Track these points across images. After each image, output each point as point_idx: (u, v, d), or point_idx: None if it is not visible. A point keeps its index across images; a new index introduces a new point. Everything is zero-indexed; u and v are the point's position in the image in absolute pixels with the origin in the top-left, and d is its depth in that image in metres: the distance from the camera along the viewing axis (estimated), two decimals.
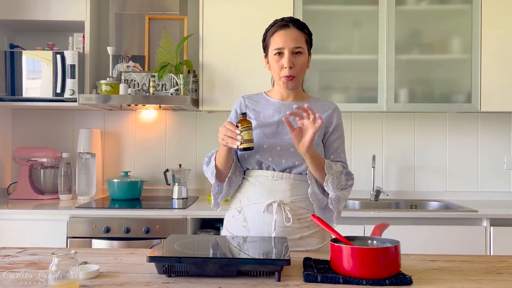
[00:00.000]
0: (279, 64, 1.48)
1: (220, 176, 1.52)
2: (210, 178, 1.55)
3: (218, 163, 1.49)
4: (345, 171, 1.49)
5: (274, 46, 1.48)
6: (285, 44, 1.47)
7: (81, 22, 2.65)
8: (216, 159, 1.50)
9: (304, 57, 1.50)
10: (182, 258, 1.12)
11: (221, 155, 1.47)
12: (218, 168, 1.49)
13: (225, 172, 1.51)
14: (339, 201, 1.47)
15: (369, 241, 1.25)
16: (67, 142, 2.93)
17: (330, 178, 1.42)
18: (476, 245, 2.26)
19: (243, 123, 1.37)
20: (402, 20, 2.60)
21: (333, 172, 1.43)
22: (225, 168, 1.49)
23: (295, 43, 1.47)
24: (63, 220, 2.32)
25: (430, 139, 2.88)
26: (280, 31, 1.48)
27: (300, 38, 1.49)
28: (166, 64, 2.54)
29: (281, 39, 1.47)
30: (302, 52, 1.49)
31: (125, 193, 2.66)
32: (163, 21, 2.76)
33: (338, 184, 1.45)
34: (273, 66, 1.51)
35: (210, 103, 2.61)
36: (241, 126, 1.37)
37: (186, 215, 2.32)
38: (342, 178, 1.46)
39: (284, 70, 1.47)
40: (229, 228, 1.56)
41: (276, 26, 1.50)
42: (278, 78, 1.51)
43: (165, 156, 2.94)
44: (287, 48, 1.47)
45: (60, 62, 2.58)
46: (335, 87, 2.67)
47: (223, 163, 1.48)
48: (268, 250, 1.24)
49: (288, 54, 1.46)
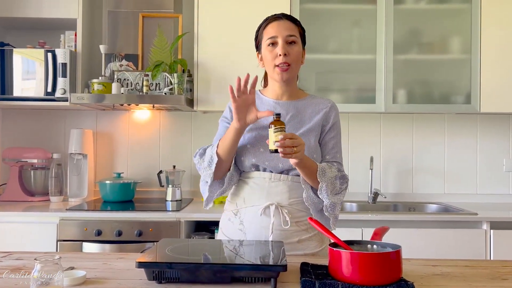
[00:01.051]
0: (273, 53, 1.43)
1: (219, 166, 1.41)
2: (206, 168, 1.42)
3: (221, 150, 1.39)
4: (340, 175, 1.44)
5: (267, 36, 1.44)
6: (278, 32, 1.43)
7: (73, 20, 2.59)
8: (219, 146, 1.40)
9: (298, 47, 1.45)
10: (173, 263, 1.07)
11: (227, 140, 1.38)
12: (219, 156, 1.40)
13: (225, 164, 1.41)
14: (334, 207, 1.42)
15: (369, 245, 1.20)
16: (58, 142, 2.87)
17: (324, 186, 1.38)
18: (476, 249, 2.22)
19: (276, 123, 1.30)
20: (401, 19, 2.56)
21: (327, 178, 1.38)
22: (226, 158, 1.40)
23: (289, 32, 1.43)
24: (53, 223, 2.25)
25: (429, 140, 2.84)
26: (272, 22, 1.45)
27: (294, 28, 1.45)
28: (160, 63, 2.48)
29: (273, 28, 1.44)
30: (296, 42, 1.44)
31: (117, 195, 2.60)
32: (157, 19, 2.70)
33: (333, 190, 1.41)
34: (266, 58, 1.46)
35: (205, 103, 2.55)
36: (275, 127, 1.30)
37: (179, 218, 2.26)
38: (337, 183, 1.42)
39: (278, 58, 1.42)
40: (225, 231, 1.51)
41: (269, 19, 1.47)
42: (272, 69, 1.45)
43: (159, 157, 2.88)
44: (280, 36, 1.42)
45: (51, 60, 2.51)
46: (332, 87, 2.62)
47: (227, 151, 1.38)
48: (264, 255, 1.19)
49: (282, 42, 1.42)
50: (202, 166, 1.45)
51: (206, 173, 1.44)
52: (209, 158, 1.41)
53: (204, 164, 1.44)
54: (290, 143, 1.27)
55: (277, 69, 1.43)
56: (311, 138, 1.45)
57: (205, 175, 1.45)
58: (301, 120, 1.48)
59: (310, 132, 1.46)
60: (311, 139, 1.45)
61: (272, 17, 1.47)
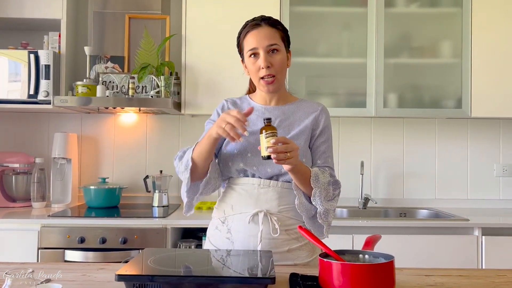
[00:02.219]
0: (256, 66, 1.39)
1: (195, 172, 1.36)
2: (183, 173, 1.36)
3: (196, 156, 1.34)
4: (333, 180, 1.40)
5: (248, 48, 1.40)
6: (259, 43, 1.38)
7: (57, 21, 2.52)
8: (194, 150, 1.35)
9: (281, 54, 1.40)
10: (155, 276, 1.01)
11: (203, 147, 1.32)
12: (194, 162, 1.34)
13: (200, 170, 1.36)
14: (327, 214, 1.38)
15: (361, 255, 1.16)
16: (41, 146, 2.78)
17: (317, 192, 1.34)
18: (468, 255, 2.19)
19: (267, 129, 1.25)
20: (392, 23, 2.53)
21: (320, 184, 1.34)
22: (202, 164, 1.34)
23: (269, 41, 1.38)
24: (34, 230, 2.17)
25: (419, 145, 2.82)
26: (252, 31, 1.40)
27: (274, 35, 1.40)
28: (147, 65, 2.42)
29: (253, 39, 1.38)
30: (279, 50, 1.40)
31: (102, 201, 2.53)
32: (144, 20, 2.64)
33: (326, 196, 1.36)
34: (250, 69, 1.42)
35: (193, 107, 2.50)
36: (266, 132, 1.24)
37: (166, 225, 2.20)
38: (330, 188, 1.38)
39: (262, 70, 1.38)
40: (212, 240, 1.45)
41: (248, 27, 1.42)
42: (258, 81, 1.41)
43: (145, 161, 2.81)
44: (261, 47, 1.38)
45: (34, 62, 2.44)
46: (322, 90, 2.59)
47: (202, 158, 1.33)
48: (252, 266, 1.13)
49: (263, 54, 1.37)
50: (180, 170, 1.39)
51: (183, 177, 1.38)
52: (186, 162, 1.36)
53: (181, 168, 1.38)
54: (283, 148, 1.22)
55: (262, 82, 1.40)
56: (301, 142, 1.41)
57: (183, 179, 1.39)
58: (290, 124, 1.44)
59: (300, 135, 1.42)
60: (300, 142, 1.41)
61: (251, 24, 1.41)
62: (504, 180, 2.81)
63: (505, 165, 2.81)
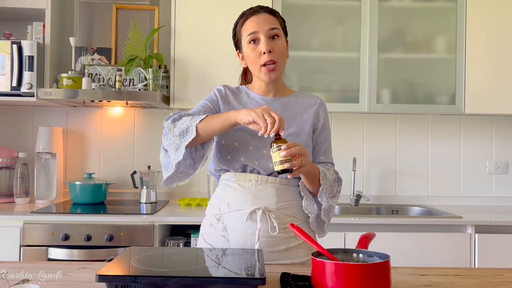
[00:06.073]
0: (256, 52, 1.32)
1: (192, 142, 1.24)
2: (176, 137, 1.23)
3: (201, 129, 1.22)
4: (337, 177, 1.38)
5: (247, 33, 1.33)
6: (259, 27, 1.32)
7: (41, 10, 2.43)
8: (202, 122, 1.22)
9: (282, 40, 1.35)
10: (138, 277, 0.95)
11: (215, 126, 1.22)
12: (198, 132, 1.22)
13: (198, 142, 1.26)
14: (330, 210, 1.36)
15: (355, 254, 1.11)
16: (24, 141, 2.70)
17: (324, 188, 1.31)
18: (461, 253, 2.17)
19: (278, 142, 1.18)
20: (386, 17, 2.49)
21: (328, 181, 1.32)
22: (199, 140, 1.25)
23: (270, 24, 1.32)
24: (17, 227, 2.10)
25: (412, 141, 2.79)
26: (251, 17, 1.34)
27: (274, 20, 1.35)
28: (134, 58, 2.35)
29: (253, 23, 1.32)
30: (279, 36, 1.34)
31: (88, 197, 2.46)
32: (132, 11, 2.57)
33: (331, 193, 1.34)
34: (249, 57, 1.35)
35: (182, 101, 2.43)
36: (277, 145, 1.17)
37: (154, 222, 2.13)
38: (335, 185, 1.36)
39: (263, 56, 1.31)
40: (206, 238, 1.38)
41: (246, 15, 1.36)
42: (259, 69, 1.34)
43: (133, 157, 2.74)
44: (261, 31, 1.32)
45: (16, 53, 2.35)
46: (315, 85, 2.54)
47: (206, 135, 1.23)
48: (241, 266, 1.08)
49: (264, 38, 1.32)
50: (171, 133, 1.25)
51: (172, 142, 1.25)
52: (185, 128, 1.23)
53: (174, 132, 1.25)
54: (297, 151, 1.16)
55: (263, 69, 1.33)
56: (303, 138, 1.37)
57: (169, 143, 1.26)
58: (290, 117, 1.39)
59: (302, 131, 1.38)
60: (303, 138, 1.37)
61: (249, 11, 1.35)
62: (497, 178, 2.79)
63: (498, 162, 2.79)
